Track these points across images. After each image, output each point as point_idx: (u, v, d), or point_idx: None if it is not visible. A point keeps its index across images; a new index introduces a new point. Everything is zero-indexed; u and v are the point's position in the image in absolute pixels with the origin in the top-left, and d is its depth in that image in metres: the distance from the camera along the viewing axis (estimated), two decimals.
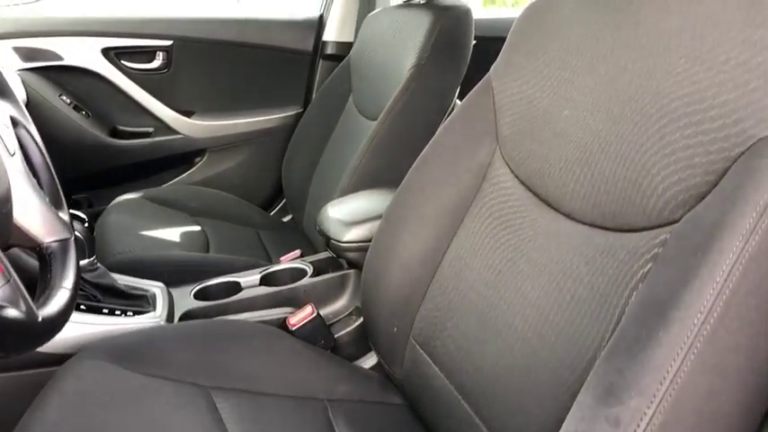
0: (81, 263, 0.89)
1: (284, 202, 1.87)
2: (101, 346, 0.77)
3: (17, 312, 0.45)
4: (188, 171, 1.80)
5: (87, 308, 0.88)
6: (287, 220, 1.84)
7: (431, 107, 1.25)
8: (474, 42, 1.31)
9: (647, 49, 0.60)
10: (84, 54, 1.62)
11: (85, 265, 0.89)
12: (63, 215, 0.60)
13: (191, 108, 1.77)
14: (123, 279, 0.98)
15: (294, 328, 0.93)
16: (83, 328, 0.83)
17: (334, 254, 1.01)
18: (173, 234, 1.32)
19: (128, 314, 0.90)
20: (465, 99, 0.86)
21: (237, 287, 1.04)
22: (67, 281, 0.53)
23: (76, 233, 0.87)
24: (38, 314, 0.47)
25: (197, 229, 1.39)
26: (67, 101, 1.63)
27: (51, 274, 0.52)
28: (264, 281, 1.06)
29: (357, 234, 0.96)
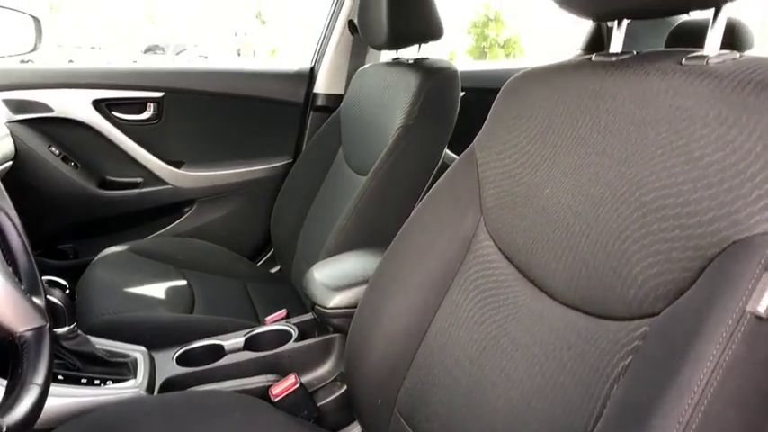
0: (60, 331, 0.89)
1: (272, 251, 1.86)
2: (77, 423, 0.75)
3: None
4: (176, 221, 1.79)
5: (65, 378, 0.86)
6: (275, 270, 1.83)
7: (418, 166, 1.26)
8: (462, 94, 1.33)
9: (624, 136, 0.60)
10: (75, 106, 1.63)
11: (65, 333, 0.87)
12: (39, 301, 0.59)
13: (180, 158, 1.77)
14: (104, 344, 0.97)
15: (277, 398, 0.91)
16: (60, 401, 0.81)
17: (319, 319, 1.00)
18: (158, 290, 1.30)
19: (107, 383, 0.89)
20: (450, 168, 0.87)
21: (221, 350, 1.03)
22: (39, 376, 0.51)
23: (57, 301, 0.87)
24: (2, 424, 0.45)
25: (183, 283, 1.38)
26: (56, 152, 1.62)
27: (23, 369, 0.51)
28: (249, 343, 1.05)
29: (342, 300, 0.95)
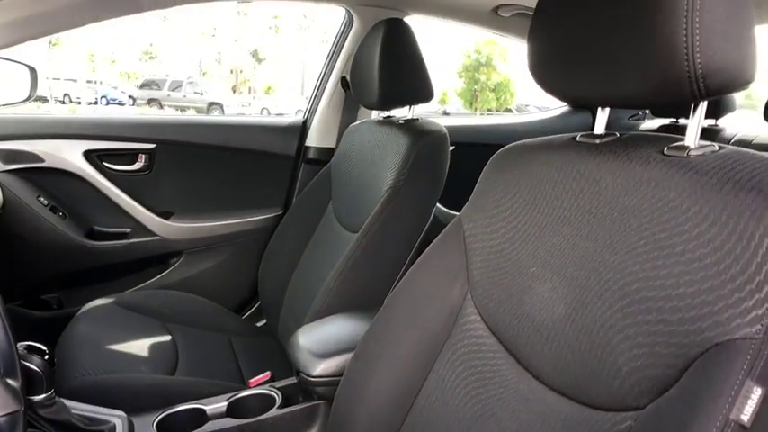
0: (37, 398, 0.86)
1: (259, 304, 1.84)
2: None
3: None
4: (163, 272, 1.77)
5: None
6: (261, 324, 1.81)
7: (408, 226, 1.27)
8: (452, 148, 1.34)
9: (608, 222, 0.60)
10: (66, 156, 1.63)
11: (42, 401, 0.85)
12: (14, 383, 0.58)
13: (170, 209, 1.77)
14: (82, 408, 0.94)
15: None
16: None
17: (303, 385, 0.98)
18: (141, 348, 1.28)
19: None
20: (438, 237, 0.87)
21: (203, 416, 1.00)
22: None
23: (35, 367, 0.85)
24: None
25: (167, 339, 1.35)
26: (45, 202, 1.61)
27: None
28: (231, 408, 1.03)
29: (327, 368, 0.94)
